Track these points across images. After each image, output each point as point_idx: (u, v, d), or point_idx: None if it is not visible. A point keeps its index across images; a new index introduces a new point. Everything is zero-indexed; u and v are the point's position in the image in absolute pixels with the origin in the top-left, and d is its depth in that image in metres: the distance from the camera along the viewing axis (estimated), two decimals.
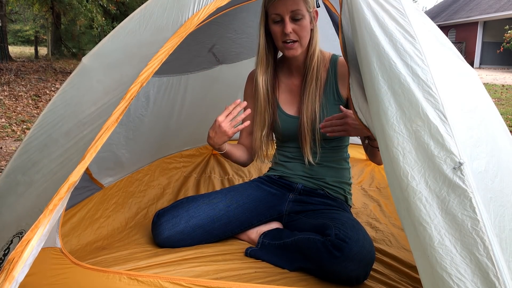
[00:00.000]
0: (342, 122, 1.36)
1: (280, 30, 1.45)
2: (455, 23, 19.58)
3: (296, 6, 1.41)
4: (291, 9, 1.41)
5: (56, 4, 11.98)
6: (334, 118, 1.38)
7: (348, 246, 1.24)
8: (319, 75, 1.53)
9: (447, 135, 0.88)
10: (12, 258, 0.85)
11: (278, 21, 1.45)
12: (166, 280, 1.07)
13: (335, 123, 1.37)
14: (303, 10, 1.43)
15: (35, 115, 5.20)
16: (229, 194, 1.60)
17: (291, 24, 1.43)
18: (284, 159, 1.67)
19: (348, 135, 1.39)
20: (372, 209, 1.94)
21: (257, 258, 1.43)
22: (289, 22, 1.43)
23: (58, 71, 10.59)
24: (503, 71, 15.30)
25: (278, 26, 1.45)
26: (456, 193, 0.84)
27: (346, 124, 1.36)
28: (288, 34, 1.43)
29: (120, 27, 1.36)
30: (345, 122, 1.36)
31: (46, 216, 0.91)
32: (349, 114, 1.36)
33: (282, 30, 1.44)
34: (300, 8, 1.42)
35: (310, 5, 1.45)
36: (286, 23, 1.42)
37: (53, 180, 1.08)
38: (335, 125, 1.37)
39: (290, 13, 1.42)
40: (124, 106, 1.06)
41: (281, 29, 1.44)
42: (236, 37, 2.23)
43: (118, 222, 1.70)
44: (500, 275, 0.79)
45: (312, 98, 1.52)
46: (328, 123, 1.38)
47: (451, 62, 1.08)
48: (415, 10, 1.09)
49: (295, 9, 1.41)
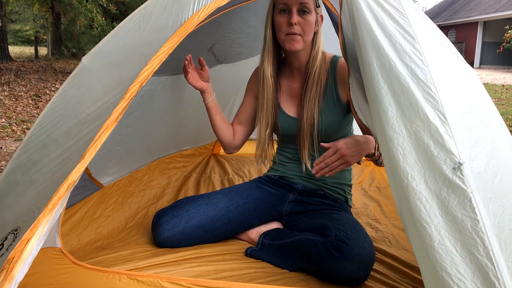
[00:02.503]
0: (338, 156, 1.31)
1: (285, 21, 1.44)
2: (455, 23, 19.58)
3: None
4: (300, 1, 1.41)
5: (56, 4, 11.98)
6: (327, 157, 1.32)
7: (348, 247, 1.24)
8: (320, 80, 1.52)
9: (447, 135, 0.88)
10: (11, 257, 0.85)
11: (285, 12, 1.44)
12: (166, 280, 1.07)
13: (331, 160, 1.31)
14: (311, 6, 1.43)
15: (35, 115, 5.20)
16: (229, 194, 1.60)
17: (298, 17, 1.43)
18: (284, 159, 1.67)
19: (349, 165, 1.34)
20: (372, 209, 1.94)
21: (257, 258, 1.43)
22: (296, 13, 1.42)
23: (58, 71, 10.59)
24: (503, 71, 15.30)
25: (284, 17, 1.44)
26: (456, 193, 0.84)
27: (343, 156, 1.31)
28: (293, 26, 1.42)
29: (120, 27, 1.36)
30: (341, 155, 1.31)
31: (46, 215, 0.91)
32: (339, 145, 1.31)
33: (288, 21, 1.43)
34: (309, 2, 1.42)
35: (318, 4, 1.46)
36: (293, 13, 1.42)
37: (52, 179, 1.08)
38: (332, 161, 1.31)
39: (299, 5, 1.42)
40: (124, 105, 1.06)
41: (286, 20, 1.43)
42: (236, 36, 2.22)
43: (118, 222, 1.70)
44: (499, 275, 0.79)
45: (311, 103, 1.51)
46: (323, 164, 1.32)
47: (451, 62, 1.08)
48: (415, 10, 1.09)
49: (304, 2, 1.41)
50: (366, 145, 1.35)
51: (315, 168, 1.33)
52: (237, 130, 1.70)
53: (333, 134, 1.55)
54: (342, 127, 1.56)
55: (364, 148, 1.34)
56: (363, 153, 1.35)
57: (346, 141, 1.32)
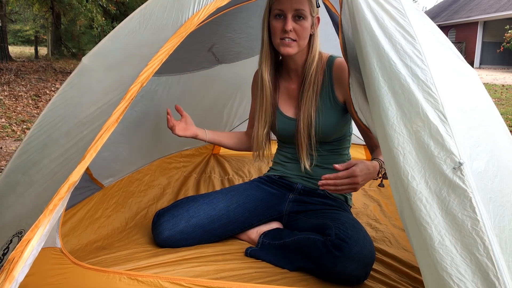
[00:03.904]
0: (351, 181, 1.26)
1: (280, 26, 1.44)
2: (455, 23, 19.58)
3: (301, 6, 1.41)
4: (295, 7, 1.41)
5: (56, 4, 11.98)
6: (339, 178, 1.27)
7: (348, 246, 1.24)
8: (317, 81, 1.52)
9: (447, 135, 0.88)
10: (12, 258, 0.85)
11: (280, 17, 1.44)
12: (166, 280, 1.07)
13: (342, 182, 1.27)
14: (307, 12, 1.43)
15: (35, 115, 5.20)
16: (229, 194, 1.60)
17: (293, 23, 1.43)
18: (284, 159, 1.67)
19: (354, 191, 1.31)
20: (372, 209, 1.94)
21: (257, 258, 1.43)
22: (291, 20, 1.42)
23: (58, 71, 10.59)
24: (503, 71, 15.30)
25: (279, 22, 1.44)
26: (456, 193, 0.84)
27: (355, 183, 1.27)
28: (288, 32, 1.42)
29: (120, 27, 1.36)
30: (354, 182, 1.26)
31: (46, 216, 0.91)
32: (357, 172, 1.25)
33: (282, 27, 1.43)
34: (305, 8, 1.42)
35: (314, 10, 1.45)
36: (287, 20, 1.42)
37: (53, 180, 1.08)
38: (343, 184, 1.27)
39: (294, 11, 1.42)
40: (124, 106, 1.06)
41: (281, 25, 1.44)
42: (236, 36, 2.22)
43: (118, 222, 1.70)
44: (500, 275, 0.79)
45: (308, 103, 1.51)
46: (331, 182, 1.28)
47: (451, 62, 1.08)
48: (415, 10, 1.09)
49: (300, 8, 1.41)
50: (374, 172, 1.32)
51: (321, 181, 1.29)
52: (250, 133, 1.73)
53: (331, 134, 1.55)
54: (340, 127, 1.56)
55: (372, 175, 1.32)
56: (369, 180, 1.33)
57: (362, 168, 1.28)
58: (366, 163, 1.30)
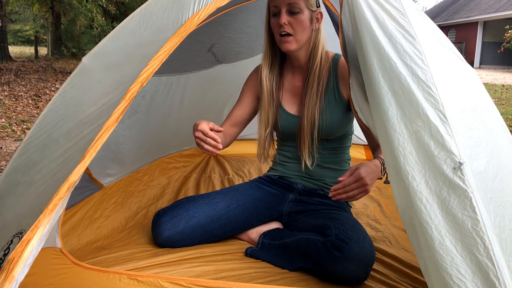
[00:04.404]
0: (359, 185, 1.24)
1: (277, 23, 1.45)
2: (455, 23, 19.57)
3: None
4: (288, 1, 1.42)
5: (56, 4, 11.98)
6: (347, 185, 1.25)
7: (348, 246, 1.24)
8: (321, 78, 1.51)
9: (447, 135, 0.88)
10: (12, 258, 0.85)
11: (277, 14, 1.46)
12: (166, 280, 1.07)
13: (351, 188, 1.25)
14: (301, 5, 1.43)
15: (35, 115, 5.20)
16: (229, 194, 1.60)
17: (287, 17, 1.43)
18: (284, 159, 1.67)
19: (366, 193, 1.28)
20: (372, 209, 1.94)
21: (257, 258, 1.43)
22: (284, 14, 1.43)
23: (58, 71, 10.59)
24: (503, 71, 15.29)
25: (277, 19, 1.46)
26: (456, 193, 0.84)
27: (364, 185, 1.24)
28: (283, 26, 1.43)
29: (120, 27, 1.36)
30: (363, 184, 1.24)
31: (46, 216, 0.91)
32: (362, 173, 1.23)
33: (278, 22, 1.44)
34: (298, 1, 1.42)
35: (311, 3, 1.45)
36: (281, 14, 1.43)
37: (53, 180, 1.08)
38: (352, 189, 1.25)
39: (287, 5, 1.43)
40: (124, 106, 1.06)
41: (278, 21, 1.45)
42: (236, 36, 2.23)
43: (118, 222, 1.70)
44: (500, 275, 0.79)
45: (312, 101, 1.51)
46: (341, 190, 1.26)
47: (451, 62, 1.08)
48: (415, 10, 1.09)
49: (292, 2, 1.42)
50: (377, 170, 1.31)
51: (331, 192, 1.27)
52: (228, 133, 1.61)
53: (334, 133, 1.55)
54: (343, 126, 1.56)
55: (377, 174, 1.31)
56: (375, 178, 1.31)
57: (366, 169, 1.26)
58: (367, 164, 1.30)
